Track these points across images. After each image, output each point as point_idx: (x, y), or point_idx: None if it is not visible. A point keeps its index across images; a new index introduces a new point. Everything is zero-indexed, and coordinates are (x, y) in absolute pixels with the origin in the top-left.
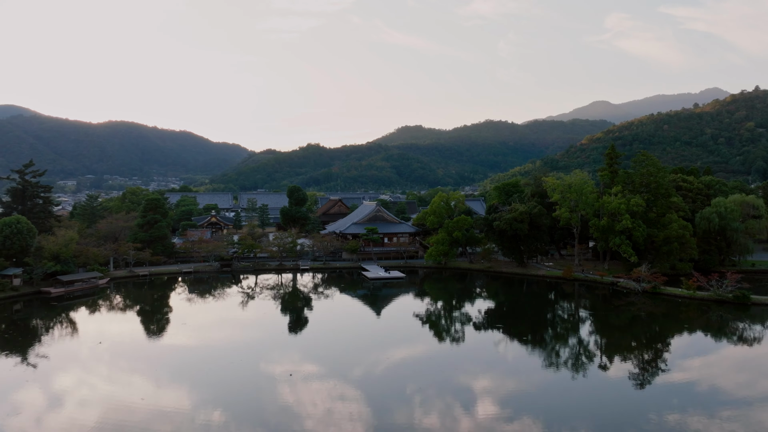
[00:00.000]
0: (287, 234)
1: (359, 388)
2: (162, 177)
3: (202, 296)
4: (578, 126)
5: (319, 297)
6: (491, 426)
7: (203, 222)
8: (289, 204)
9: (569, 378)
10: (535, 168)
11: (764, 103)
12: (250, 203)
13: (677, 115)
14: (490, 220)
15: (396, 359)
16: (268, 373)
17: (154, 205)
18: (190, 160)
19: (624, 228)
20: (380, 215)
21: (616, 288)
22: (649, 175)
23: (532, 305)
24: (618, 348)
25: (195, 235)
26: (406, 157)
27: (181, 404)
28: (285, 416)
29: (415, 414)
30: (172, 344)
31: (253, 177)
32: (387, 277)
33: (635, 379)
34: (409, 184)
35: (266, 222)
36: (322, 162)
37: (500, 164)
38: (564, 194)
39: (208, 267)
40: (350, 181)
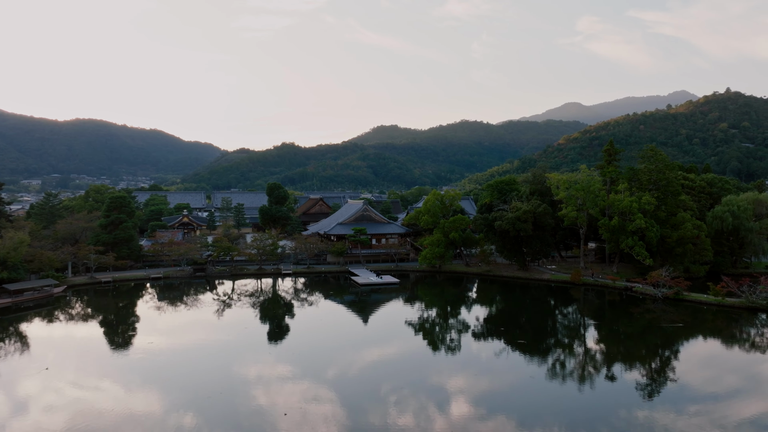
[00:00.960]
0: (267, 235)
1: (333, 389)
2: (132, 176)
3: (173, 304)
4: (552, 127)
5: (304, 304)
6: (465, 425)
7: (174, 222)
8: (268, 202)
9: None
10: (513, 168)
11: (736, 104)
12: (225, 202)
13: (653, 116)
14: (490, 219)
15: (376, 361)
16: (241, 375)
17: (119, 203)
18: (161, 160)
19: (636, 228)
20: (368, 215)
21: (631, 293)
22: (658, 171)
23: (540, 313)
24: (636, 360)
25: (165, 237)
26: (382, 156)
27: (151, 408)
28: (258, 419)
29: (390, 414)
30: (131, 364)
31: (226, 176)
32: (379, 283)
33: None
34: (386, 183)
35: (242, 222)
36: (297, 161)
37: (476, 164)
38: (570, 192)
39: (180, 272)
40: (326, 180)
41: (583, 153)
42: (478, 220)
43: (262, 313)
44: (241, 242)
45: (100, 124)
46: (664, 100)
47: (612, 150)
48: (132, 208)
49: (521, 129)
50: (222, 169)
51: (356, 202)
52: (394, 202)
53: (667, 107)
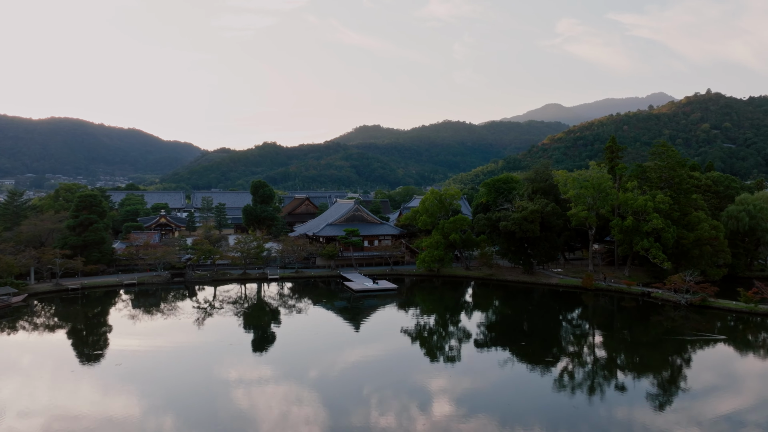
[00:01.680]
0: (251, 237)
1: (315, 391)
2: (109, 176)
3: (148, 313)
4: (534, 127)
5: (292, 311)
6: (447, 425)
7: (151, 223)
8: (253, 201)
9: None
10: (498, 167)
11: (717, 105)
12: (205, 202)
13: (636, 116)
14: (494, 220)
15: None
16: (222, 377)
17: (89, 202)
18: (140, 159)
19: (652, 229)
20: (359, 215)
21: (649, 300)
22: (670, 168)
23: (552, 322)
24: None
25: (140, 239)
26: (365, 156)
27: (129, 411)
28: (240, 421)
29: (372, 415)
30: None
31: (206, 176)
32: (376, 289)
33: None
34: (369, 183)
35: (224, 223)
36: (279, 161)
37: (460, 164)
38: (580, 190)
39: (156, 277)
40: (309, 180)
41: (567, 153)
42: (480, 221)
43: (246, 322)
44: (223, 244)
45: (77, 122)
46: (642, 102)
47: (615, 147)
48: (103, 207)
49: (503, 129)
50: (202, 168)
51: (347, 202)
52: (383, 201)
53: (649, 108)
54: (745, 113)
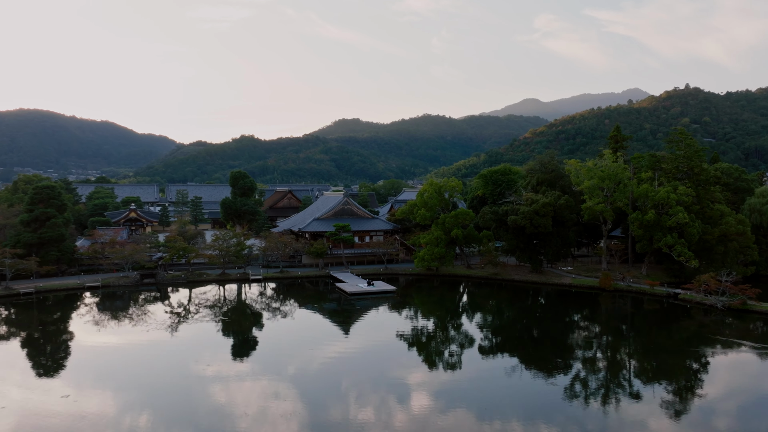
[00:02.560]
0: (231, 233)
1: (293, 386)
2: (82, 170)
3: (112, 320)
4: (513, 121)
5: (276, 315)
6: (426, 418)
7: (119, 218)
8: (232, 194)
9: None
10: (480, 161)
11: (696, 99)
12: (180, 196)
13: (617, 110)
14: (501, 214)
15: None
16: (199, 373)
17: (46, 195)
18: (113, 153)
19: (676, 224)
20: (349, 208)
21: (675, 302)
22: (688, 158)
23: (573, 329)
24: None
25: (106, 235)
26: (345, 150)
27: (104, 408)
28: (217, 417)
29: (351, 409)
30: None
31: (182, 170)
32: (371, 292)
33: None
34: (349, 177)
35: (200, 218)
36: (257, 154)
37: (440, 158)
38: (595, 181)
39: (123, 279)
40: (288, 174)
41: (549, 146)
42: (486, 215)
43: (225, 329)
44: (200, 241)
45: (47, 114)
46: (618, 97)
47: (619, 136)
48: (63, 200)
49: (483, 123)
50: (177, 162)
51: (334, 194)
52: (369, 195)
53: (629, 102)
54: (724, 108)
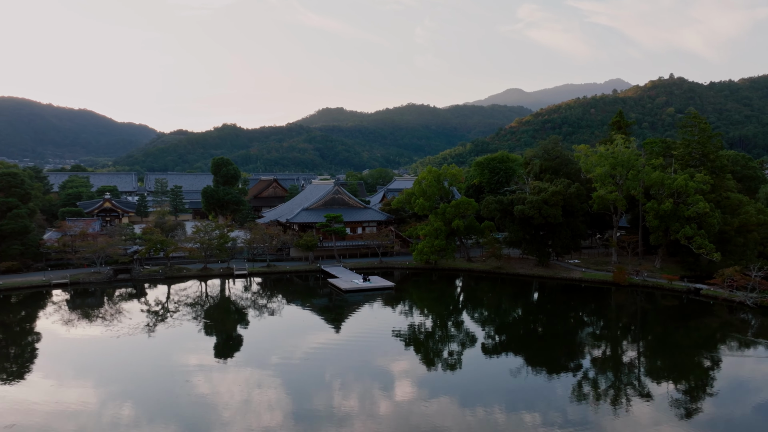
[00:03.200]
0: (213, 224)
1: (277, 376)
2: (59, 159)
3: (87, 317)
4: (497, 111)
5: (262, 313)
6: (409, 406)
7: (93, 208)
8: (214, 182)
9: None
10: (466, 150)
11: (681, 89)
12: (159, 185)
13: (603, 99)
14: (507, 203)
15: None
16: (183, 363)
17: (7, 183)
18: (92, 142)
19: (695, 214)
20: (340, 198)
21: (697, 298)
22: (702, 144)
23: (592, 330)
24: None
25: (76, 227)
26: (329, 139)
27: (85, 401)
28: (200, 408)
29: (335, 398)
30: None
31: (162, 159)
32: (368, 288)
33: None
34: (333, 166)
35: (180, 207)
36: (239, 143)
37: (425, 147)
38: (607, 168)
39: (95, 275)
40: (271, 163)
41: (536, 136)
42: (491, 204)
43: (207, 329)
44: (180, 233)
45: (22, 102)
46: (601, 87)
47: (622, 122)
48: (26, 188)
49: (467, 113)
50: (158, 151)
51: (324, 183)
52: (358, 184)
53: (613, 92)
54: (708, 98)
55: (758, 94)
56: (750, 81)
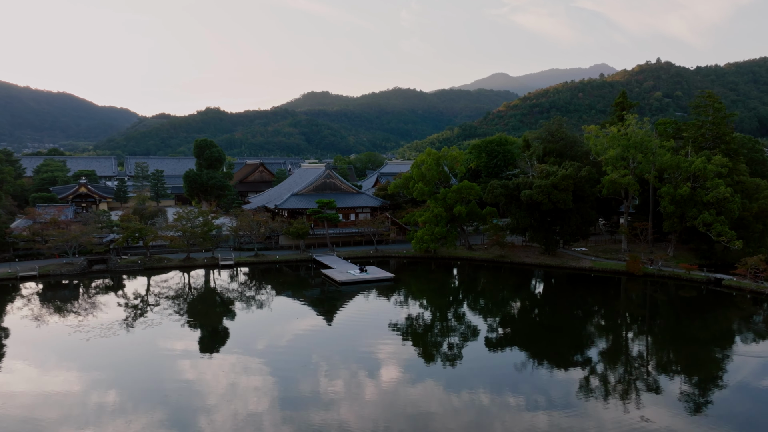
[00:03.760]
0: (196, 210)
1: (263, 361)
2: (38, 143)
3: (58, 312)
4: (484, 96)
5: (250, 305)
6: (395, 389)
7: (67, 193)
8: (197, 166)
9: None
10: (453, 135)
11: (668, 73)
12: (140, 169)
13: (591, 84)
14: (512, 188)
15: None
16: (167, 350)
17: None
18: (71, 125)
19: (715, 199)
20: (331, 182)
21: (718, 289)
22: (716, 124)
23: (619, 327)
24: None
25: (47, 214)
26: (315, 123)
27: (69, 387)
28: (186, 393)
29: (321, 383)
30: None
31: (144, 143)
32: (366, 280)
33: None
34: (319, 151)
35: (162, 193)
36: (223, 127)
37: (411, 132)
38: (622, 151)
39: (67, 266)
40: (256, 147)
41: (524, 120)
42: (496, 189)
43: (191, 325)
44: (161, 220)
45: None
46: (586, 72)
47: (626, 103)
48: None
49: (453, 97)
50: (139, 135)
51: (314, 167)
52: (349, 168)
53: (600, 76)
54: (695, 82)
55: (744, 79)
56: (735, 66)
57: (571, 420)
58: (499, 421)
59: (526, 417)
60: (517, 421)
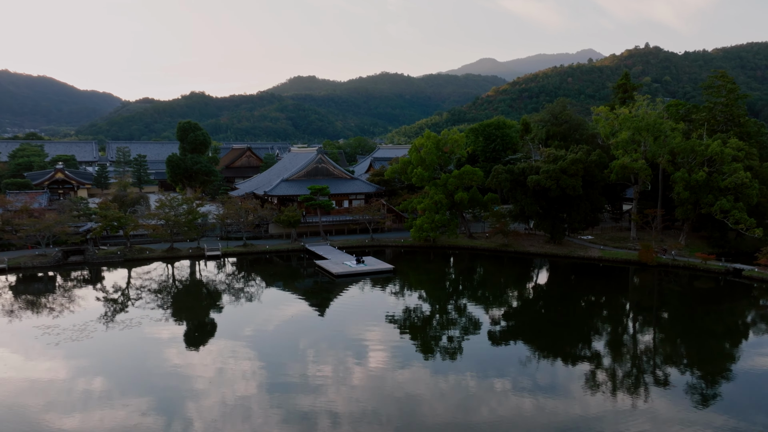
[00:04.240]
0: (180, 197)
1: (251, 346)
2: (17, 128)
3: (31, 308)
4: (471, 81)
5: (238, 301)
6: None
7: (43, 179)
8: (181, 150)
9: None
10: (442, 120)
11: (657, 58)
12: (121, 154)
13: (580, 68)
14: (518, 173)
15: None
16: (154, 336)
17: None
18: (53, 110)
19: (733, 184)
20: (323, 167)
21: (737, 280)
22: (729, 106)
23: (646, 327)
24: None
25: (17, 201)
26: (302, 108)
27: (55, 375)
28: (174, 379)
29: (309, 368)
30: None
31: (127, 128)
32: (364, 272)
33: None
34: (306, 136)
35: (145, 179)
36: (208, 112)
37: (399, 117)
38: (634, 134)
39: (40, 257)
40: (242, 132)
41: (513, 105)
42: (500, 174)
43: (176, 320)
44: (142, 208)
45: None
46: (573, 58)
47: (628, 85)
48: None
49: (441, 82)
50: (123, 119)
51: (305, 151)
52: (339, 153)
53: (589, 61)
54: (683, 67)
55: (731, 64)
56: (723, 51)
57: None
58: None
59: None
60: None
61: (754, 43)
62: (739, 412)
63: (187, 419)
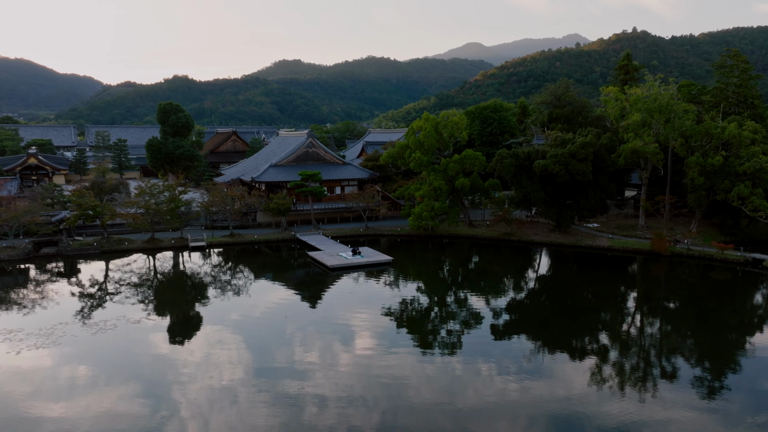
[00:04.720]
0: (162, 184)
1: (237, 332)
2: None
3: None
4: (458, 65)
5: (225, 291)
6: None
7: (14, 165)
8: (162, 134)
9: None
10: (430, 104)
11: (645, 43)
12: (101, 138)
13: (568, 53)
14: (523, 157)
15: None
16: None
17: None
18: (31, 94)
19: (753, 169)
20: (314, 152)
21: (756, 271)
22: (741, 87)
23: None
24: None
25: None
26: (287, 92)
27: (39, 363)
28: (160, 365)
29: (296, 353)
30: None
31: (108, 112)
32: (360, 264)
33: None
34: (292, 121)
35: (126, 164)
36: (192, 96)
37: (386, 102)
38: (645, 116)
39: (8, 249)
40: (226, 117)
41: (501, 89)
42: (505, 159)
43: (158, 316)
44: (121, 195)
45: None
46: (559, 42)
47: (630, 66)
48: None
49: (428, 67)
50: (104, 104)
51: (294, 134)
52: (328, 137)
53: (576, 45)
54: (670, 52)
55: (717, 49)
56: (709, 36)
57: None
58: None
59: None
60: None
61: (740, 27)
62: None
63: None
